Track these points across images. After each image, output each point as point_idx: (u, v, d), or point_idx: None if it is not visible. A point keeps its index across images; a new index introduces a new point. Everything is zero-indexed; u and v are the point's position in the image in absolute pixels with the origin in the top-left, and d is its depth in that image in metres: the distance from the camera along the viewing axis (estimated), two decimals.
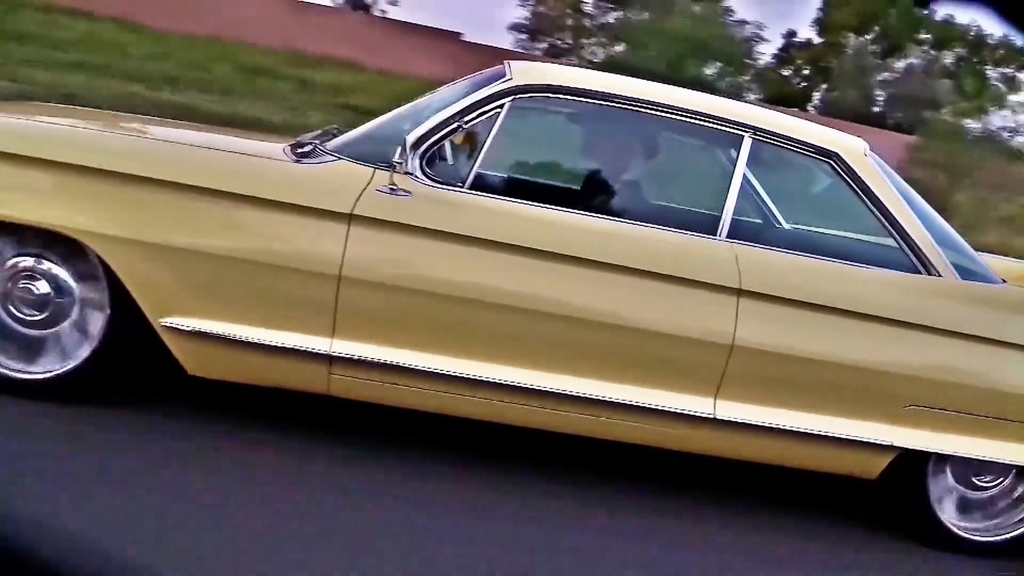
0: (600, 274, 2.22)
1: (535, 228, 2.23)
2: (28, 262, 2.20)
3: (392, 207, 2.17)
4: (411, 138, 2.20)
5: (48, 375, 2.24)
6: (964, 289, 2.39)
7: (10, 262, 2.21)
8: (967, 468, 2.48)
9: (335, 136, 2.66)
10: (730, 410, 2.29)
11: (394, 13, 26.75)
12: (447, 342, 2.21)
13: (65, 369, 2.24)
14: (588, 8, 29.15)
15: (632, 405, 2.25)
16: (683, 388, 2.28)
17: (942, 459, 2.45)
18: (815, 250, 2.42)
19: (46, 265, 2.21)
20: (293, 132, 3.26)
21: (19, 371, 2.24)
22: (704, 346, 2.25)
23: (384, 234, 2.17)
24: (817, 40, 29.77)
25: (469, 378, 2.21)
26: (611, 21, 28.34)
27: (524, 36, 29.33)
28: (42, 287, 2.22)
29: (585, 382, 2.24)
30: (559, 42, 29.67)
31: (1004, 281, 2.53)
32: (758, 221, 2.81)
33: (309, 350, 2.18)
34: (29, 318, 2.23)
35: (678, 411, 2.27)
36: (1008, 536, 2.49)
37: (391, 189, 2.19)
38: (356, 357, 2.18)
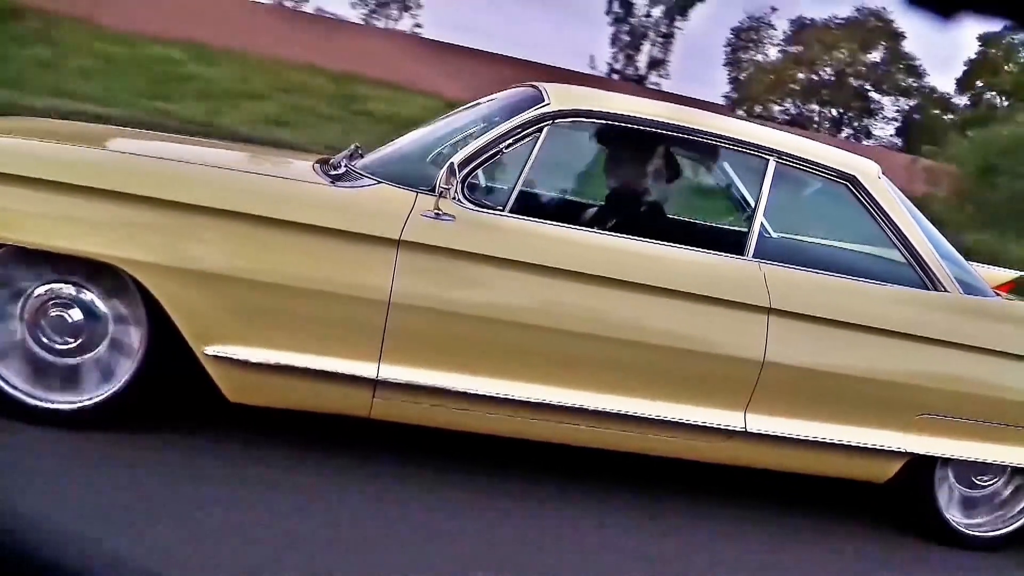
0: (639, 295, 2.29)
1: (577, 251, 2.28)
2: (65, 290, 2.14)
3: (438, 232, 2.19)
4: (455, 163, 2.21)
5: (80, 405, 2.18)
6: (969, 304, 2.55)
7: (43, 289, 2.14)
8: (968, 470, 2.66)
9: (360, 155, 2.66)
10: (759, 423, 2.40)
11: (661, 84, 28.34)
12: (492, 364, 2.25)
13: (99, 399, 2.19)
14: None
15: (671, 421, 2.33)
16: (716, 403, 2.38)
17: (945, 462, 2.62)
18: (831, 267, 2.54)
19: (79, 293, 2.15)
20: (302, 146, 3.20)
21: (52, 401, 2.17)
22: (738, 363, 2.35)
23: (432, 259, 2.18)
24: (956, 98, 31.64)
25: (512, 399, 2.25)
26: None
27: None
28: (75, 315, 2.16)
29: (626, 400, 2.31)
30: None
31: (998, 294, 2.71)
32: (781, 240, 2.92)
33: (355, 375, 2.18)
34: (62, 347, 2.17)
35: (711, 425, 2.37)
36: (1005, 531, 2.69)
37: (436, 214, 2.21)
38: (403, 382, 2.20)
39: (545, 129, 2.32)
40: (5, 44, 10.74)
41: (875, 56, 32.32)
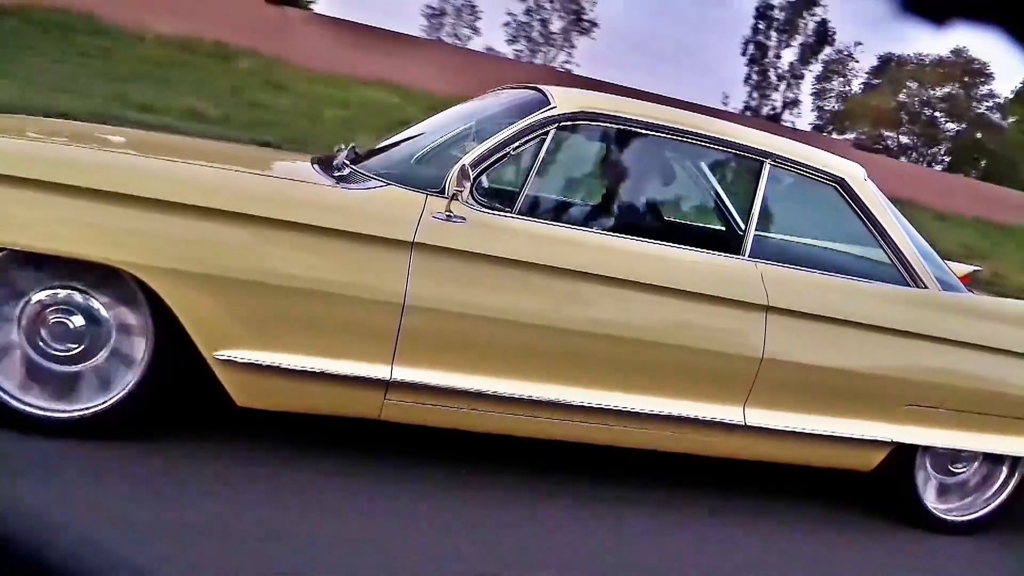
0: (645, 295, 2.34)
1: (586, 252, 2.31)
2: (67, 296, 2.08)
3: (451, 234, 2.20)
4: (465, 165, 2.22)
5: (82, 413, 2.12)
6: (947, 300, 2.69)
7: (44, 295, 2.07)
8: (945, 458, 2.80)
9: (357, 155, 2.64)
10: (757, 417, 2.49)
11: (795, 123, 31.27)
12: (503, 364, 2.27)
13: (101, 407, 2.14)
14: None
15: (678, 417, 2.39)
16: (717, 399, 2.45)
17: (925, 450, 2.76)
18: (821, 265, 2.64)
19: (81, 298, 2.09)
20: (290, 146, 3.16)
21: (52, 410, 2.11)
22: (739, 359, 2.42)
23: (446, 261, 2.19)
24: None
25: (523, 398, 2.28)
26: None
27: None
28: (77, 321, 2.10)
29: (634, 398, 2.37)
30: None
31: (972, 290, 2.86)
32: (774, 239, 3.01)
33: (368, 377, 2.18)
34: (63, 354, 2.10)
35: (713, 420, 2.44)
36: (979, 515, 2.85)
37: (448, 216, 2.21)
38: (415, 383, 2.20)
39: (551, 132, 2.35)
40: (251, 90, 11.11)
41: (954, 90, 35.99)
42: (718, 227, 3.15)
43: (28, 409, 2.10)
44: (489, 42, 37.27)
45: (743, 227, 2.57)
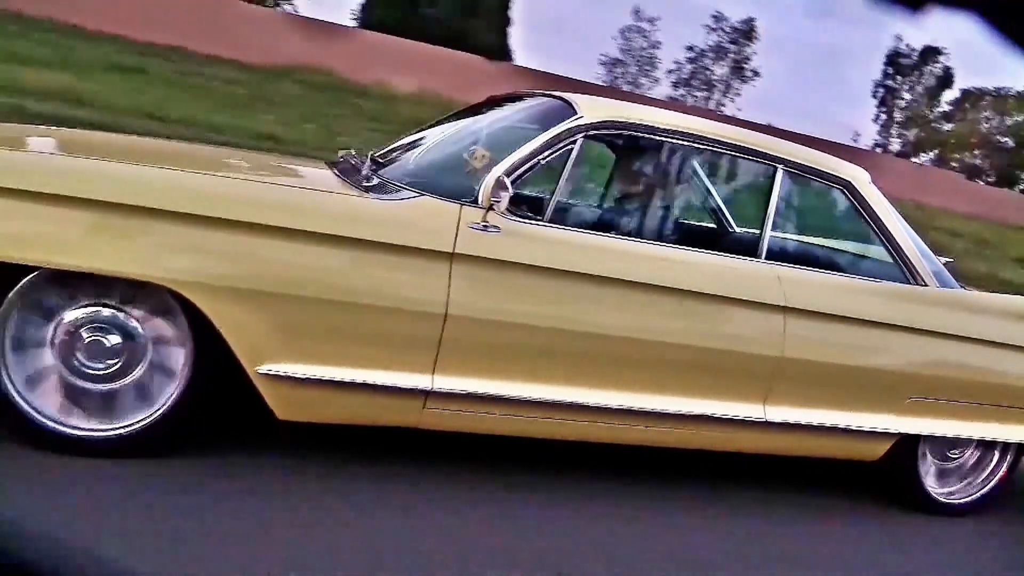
0: (671, 299, 2.41)
1: (617, 259, 2.37)
2: (103, 313, 2.04)
3: (487, 243, 2.22)
4: (502, 176, 2.24)
5: (120, 432, 2.09)
6: (946, 296, 2.83)
7: (79, 313, 2.03)
8: (943, 445, 2.95)
9: (380, 162, 2.65)
10: (777, 413, 2.58)
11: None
12: (540, 370, 2.31)
13: (140, 424, 2.11)
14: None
15: (703, 416, 2.47)
16: (741, 397, 2.54)
17: (926, 439, 2.90)
18: (830, 265, 2.75)
19: (118, 316, 2.06)
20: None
21: (90, 430, 2.07)
22: (760, 359, 2.51)
23: (485, 271, 2.21)
24: None
25: (559, 402, 2.33)
26: None
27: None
28: (113, 339, 2.06)
29: (662, 399, 2.43)
30: None
31: (964, 286, 3.01)
32: (787, 241, 3.12)
33: (409, 387, 2.19)
34: (99, 373, 2.07)
35: (737, 418, 2.53)
36: (974, 497, 3.01)
37: (484, 226, 2.24)
38: (456, 391, 2.23)
39: (579, 140, 2.39)
40: None
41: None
42: (735, 230, 3.24)
43: (64, 430, 2.06)
44: (668, 91, 42.71)
45: (759, 230, 2.66)
